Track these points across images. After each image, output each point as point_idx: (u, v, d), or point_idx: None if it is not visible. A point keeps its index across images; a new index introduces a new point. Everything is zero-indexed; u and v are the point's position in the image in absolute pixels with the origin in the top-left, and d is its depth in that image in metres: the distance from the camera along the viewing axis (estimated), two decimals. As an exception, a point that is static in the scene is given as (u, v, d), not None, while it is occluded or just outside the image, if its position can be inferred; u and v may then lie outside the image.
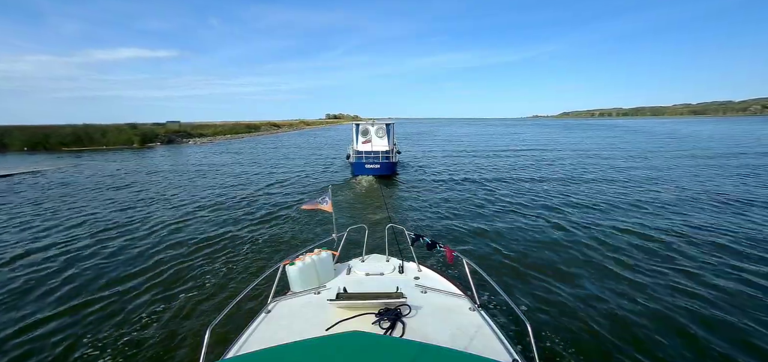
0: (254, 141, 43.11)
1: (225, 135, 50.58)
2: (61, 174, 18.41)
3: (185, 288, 5.65)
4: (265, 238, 7.97)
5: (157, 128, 43.92)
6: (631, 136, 44.31)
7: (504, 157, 23.56)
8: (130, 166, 21.14)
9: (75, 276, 6.17)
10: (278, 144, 37.85)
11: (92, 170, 19.64)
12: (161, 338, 4.39)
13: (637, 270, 5.99)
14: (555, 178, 14.92)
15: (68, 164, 22.38)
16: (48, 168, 20.36)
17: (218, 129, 53.03)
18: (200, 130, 50.40)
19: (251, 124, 65.45)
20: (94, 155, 28.20)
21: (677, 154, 23.78)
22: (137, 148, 34.47)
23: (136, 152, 30.92)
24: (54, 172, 19.10)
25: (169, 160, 24.55)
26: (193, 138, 44.04)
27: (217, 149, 32.38)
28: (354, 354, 1.55)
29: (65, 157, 26.61)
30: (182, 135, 43.99)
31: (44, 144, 33.51)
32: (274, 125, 74.88)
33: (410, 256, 3.73)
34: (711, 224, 8.32)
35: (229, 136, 50.08)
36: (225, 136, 49.56)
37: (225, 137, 48.85)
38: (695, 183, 13.24)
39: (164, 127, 46.60)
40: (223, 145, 36.92)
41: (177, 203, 11.42)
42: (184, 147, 36.31)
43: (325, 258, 3.30)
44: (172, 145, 38.05)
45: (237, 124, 62.84)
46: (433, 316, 2.40)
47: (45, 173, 18.59)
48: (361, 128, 17.41)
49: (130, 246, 7.60)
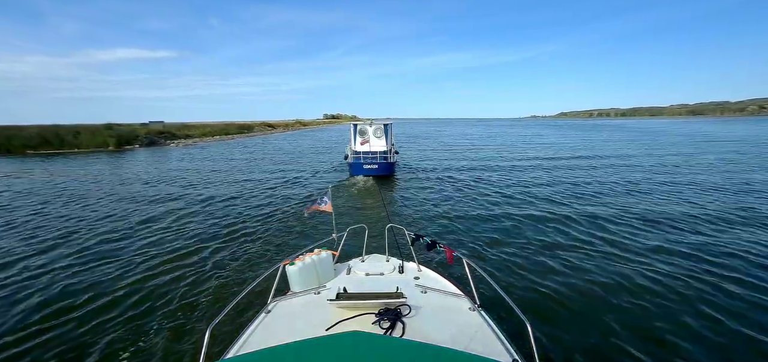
0: (239, 143, 39.68)
1: (213, 136, 47.19)
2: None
3: (185, 289, 5.63)
4: (265, 238, 7.96)
5: (138, 129, 39.85)
6: (650, 138, 39.87)
7: (529, 169, 18.04)
8: (96, 173, 18.55)
9: (75, 277, 6.16)
10: (253, 149, 32.60)
11: (49, 176, 17.46)
12: (161, 338, 4.38)
13: (641, 274, 5.93)
14: (564, 182, 14.67)
15: (20, 170, 19.71)
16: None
17: (206, 129, 49.30)
18: (188, 130, 46.52)
19: (244, 125, 62.27)
20: (67, 160, 24.89)
21: (725, 158, 20.84)
22: (113, 151, 31.12)
23: (111, 156, 27.79)
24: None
25: (109, 173, 18.99)
26: (177, 139, 40.40)
27: (193, 154, 28.63)
28: (354, 354, 1.55)
29: (28, 162, 23.49)
30: (166, 136, 40.11)
31: (7, 146, 29.31)
32: (268, 125, 71.99)
33: (410, 256, 3.73)
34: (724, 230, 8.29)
35: (217, 137, 46.84)
36: (213, 138, 46.26)
37: (213, 138, 45.61)
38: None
39: (146, 128, 42.85)
40: (203, 148, 33.44)
41: (161, 208, 11.39)
42: (166, 149, 32.86)
43: (325, 258, 3.30)
44: (154, 148, 34.65)
45: (228, 124, 60.22)
46: (433, 316, 2.41)
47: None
48: (359, 128, 17.41)
49: (130, 246, 7.58)
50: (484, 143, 35.99)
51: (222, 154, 27.84)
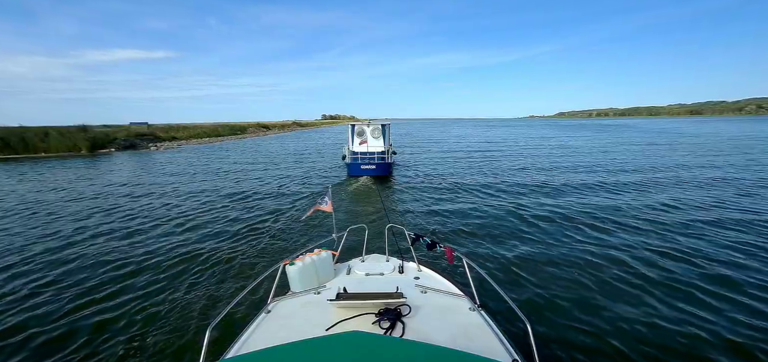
0: (222, 147, 36.42)
1: (201, 138, 43.97)
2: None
3: (185, 289, 5.62)
4: (265, 239, 7.95)
5: (117, 131, 36.93)
6: (677, 138, 36.43)
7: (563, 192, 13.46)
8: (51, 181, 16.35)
9: (74, 276, 6.15)
10: (226, 154, 28.38)
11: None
12: (161, 338, 4.37)
13: (643, 277, 5.90)
14: (568, 185, 14.48)
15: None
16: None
17: (192, 132, 45.80)
18: (176, 132, 43.43)
19: (236, 126, 59.94)
20: (35, 165, 22.50)
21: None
22: (86, 156, 28.21)
23: (85, 160, 25.14)
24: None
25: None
26: (161, 142, 37.49)
27: (178, 159, 25.72)
28: (354, 354, 1.55)
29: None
30: (149, 139, 37.28)
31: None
32: (263, 127, 69.68)
33: (410, 256, 3.74)
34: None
35: (206, 140, 43.85)
36: (201, 140, 43.24)
37: (201, 141, 42.65)
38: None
39: (127, 130, 40.09)
40: (186, 152, 30.79)
41: (161, 211, 11.37)
42: (147, 154, 30.23)
43: (325, 258, 3.30)
44: (134, 151, 31.93)
45: (218, 125, 57.71)
46: (433, 316, 2.41)
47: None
48: (357, 129, 17.49)
49: (130, 247, 7.57)
50: (497, 149, 29.31)
51: (207, 157, 26.14)
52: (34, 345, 4.35)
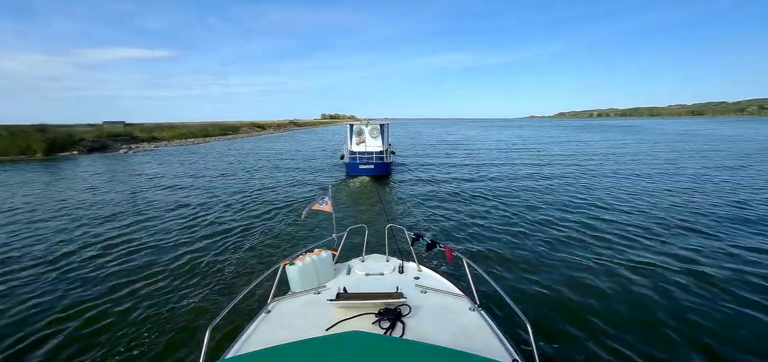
0: (207, 148, 33.24)
1: (187, 139, 40.34)
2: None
3: (185, 289, 5.63)
4: (265, 239, 7.95)
5: (86, 131, 32.45)
6: (715, 142, 32.87)
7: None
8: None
9: (74, 275, 6.16)
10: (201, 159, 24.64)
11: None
12: (161, 338, 4.37)
13: (643, 277, 5.89)
14: (568, 184, 14.74)
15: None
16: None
17: (177, 132, 41.91)
18: (160, 132, 39.79)
19: (227, 125, 57.00)
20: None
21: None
22: (41, 159, 24.44)
23: (42, 164, 22.10)
24: None
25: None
26: (138, 143, 33.73)
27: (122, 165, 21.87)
28: (354, 354, 1.55)
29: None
30: (124, 139, 33.19)
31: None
32: (257, 126, 66.46)
33: (410, 256, 3.74)
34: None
35: (192, 141, 39.79)
36: (186, 141, 39.54)
37: (186, 141, 38.99)
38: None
39: (100, 129, 35.29)
40: (162, 155, 27.15)
41: (164, 208, 11.38)
42: (117, 157, 26.61)
43: (325, 258, 3.30)
44: (102, 153, 28.17)
45: (207, 125, 55.13)
46: (433, 316, 2.41)
47: None
48: (356, 129, 17.52)
49: (130, 247, 7.57)
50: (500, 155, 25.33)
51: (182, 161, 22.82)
52: (34, 343, 4.37)
